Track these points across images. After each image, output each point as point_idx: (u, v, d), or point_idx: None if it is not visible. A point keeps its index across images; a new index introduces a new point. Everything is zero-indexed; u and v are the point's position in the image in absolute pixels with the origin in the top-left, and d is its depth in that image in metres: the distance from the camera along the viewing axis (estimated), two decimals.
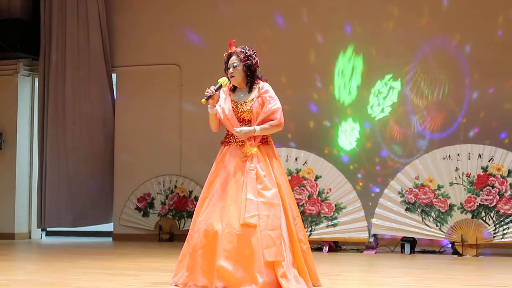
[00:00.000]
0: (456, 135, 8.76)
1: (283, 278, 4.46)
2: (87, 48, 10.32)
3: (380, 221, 7.96)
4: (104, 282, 5.12)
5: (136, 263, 6.75)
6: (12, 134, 10.51)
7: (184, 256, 4.78)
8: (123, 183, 10.20)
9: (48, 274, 5.74)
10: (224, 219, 4.60)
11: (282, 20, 9.59)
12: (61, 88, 10.33)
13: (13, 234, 10.35)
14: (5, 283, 5.09)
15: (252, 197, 4.60)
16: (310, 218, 8.17)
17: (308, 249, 4.77)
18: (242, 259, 4.49)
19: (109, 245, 9.44)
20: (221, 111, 4.85)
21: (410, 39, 9.02)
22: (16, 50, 10.20)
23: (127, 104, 10.36)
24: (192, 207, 9.74)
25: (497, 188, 7.64)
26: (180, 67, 10.13)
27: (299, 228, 4.75)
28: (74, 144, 10.29)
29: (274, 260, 4.48)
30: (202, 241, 4.63)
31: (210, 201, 4.74)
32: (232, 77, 4.83)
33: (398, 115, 9.04)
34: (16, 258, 7.72)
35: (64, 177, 10.25)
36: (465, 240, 7.66)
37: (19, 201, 10.49)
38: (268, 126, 4.79)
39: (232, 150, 4.81)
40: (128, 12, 10.41)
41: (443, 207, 7.78)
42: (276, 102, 4.81)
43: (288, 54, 9.50)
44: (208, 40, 9.86)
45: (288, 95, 9.20)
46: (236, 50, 4.86)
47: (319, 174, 8.24)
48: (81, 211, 10.28)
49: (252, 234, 4.52)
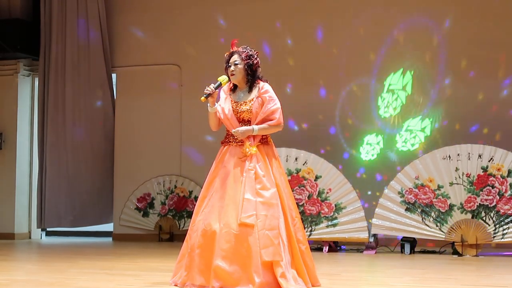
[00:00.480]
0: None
1: (282, 278, 4.45)
2: (87, 48, 10.32)
3: (380, 221, 7.96)
4: (104, 282, 5.12)
5: (136, 263, 6.75)
6: (12, 134, 10.51)
7: (183, 256, 4.78)
8: (123, 183, 10.20)
9: (48, 274, 5.74)
10: (222, 219, 4.60)
11: (282, 20, 9.60)
12: (61, 88, 10.33)
13: (13, 234, 10.35)
14: (5, 283, 5.10)
15: (250, 196, 4.60)
16: (310, 218, 8.17)
17: (307, 250, 4.76)
18: (239, 259, 4.49)
19: (109, 245, 9.44)
20: (221, 111, 4.86)
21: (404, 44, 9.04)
22: (16, 50, 10.20)
23: (127, 104, 10.36)
24: (192, 207, 9.74)
25: (497, 188, 7.64)
26: (180, 67, 10.13)
27: (298, 229, 4.74)
28: (74, 144, 10.29)
29: (271, 260, 4.47)
30: (200, 240, 4.63)
31: (209, 200, 4.75)
32: (232, 75, 4.83)
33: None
34: (16, 258, 7.72)
35: (64, 177, 10.25)
36: (465, 240, 7.66)
37: (19, 201, 10.49)
38: (267, 126, 4.79)
39: (232, 150, 4.81)
40: (128, 12, 10.41)
41: (443, 207, 7.78)
42: (276, 102, 4.82)
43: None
44: (208, 40, 9.85)
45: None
46: (238, 50, 4.87)
47: (319, 174, 8.24)
48: (81, 211, 10.28)
49: (249, 234, 4.51)
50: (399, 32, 9.08)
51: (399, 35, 9.09)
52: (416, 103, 8.98)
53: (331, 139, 9.27)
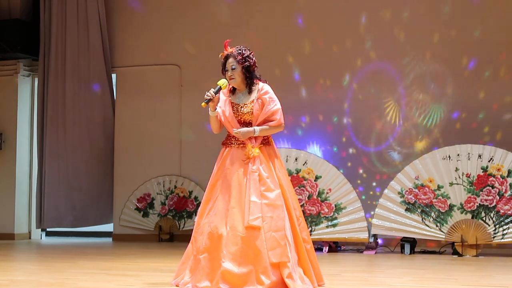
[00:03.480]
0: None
1: (289, 279, 4.47)
2: (87, 48, 10.32)
3: (380, 221, 7.96)
4: (104, 283, 5.12)
5: (136, 263, 6.74)
6: (12, 134, 10.51)
7: (187, 257, 4.78)
8: (123, 183, 10.20)
9: (48, 275, 5.74)
10: (228, 222, 4.60)
11: (283, 20, 9.61)
12: (61, 88, 10.33)
13: (13, 235, 10.35)
14: (5, 283, 5.10)
15: (255, 199, 4.61)
16: (310, 218, 8.17)
17: (312, 249, 4.80)
18: (247, 261, 4.50)
19: (109, 246, 9.44)
20: (221, 113, 4.85)
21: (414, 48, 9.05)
22: (16, 51, 10.20)
23: (127, 104, 10.36)
24: (192, 208, 9.75)
25: (497, 188, 7.64)
26: (180, 67, 10.13)
27: (302, 228, 4.77)
28: (74, 144, 10.28)
29: (279, 261, 4.49)
30: (207, 243, 4.63)
31: (213, 203, 4.75)
32: (231, 79, 4.83)
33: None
34: (16, 259, 7.73)
35: (64, 177, 10.25)
36: (465, 240, 7.66)
37: (19, 201, 10.49)
38: (268, 127, 4.80)
39: (234, 152, 4.81)
40: (128, 12, 10.41)
41: (443, 207, 7.78)
42: (276, 103, 4.82)
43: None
44: (208, 40, 9.85)
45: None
46: (233, 52, 4.82)
47: (319, 175, 8.24)
48: (81, 211, 10.28)
49: (256, 236, 4.52)
50: (399, 30, 9.08)
51: (399, 32, 9.08)
52: (416, 102, 8.98)
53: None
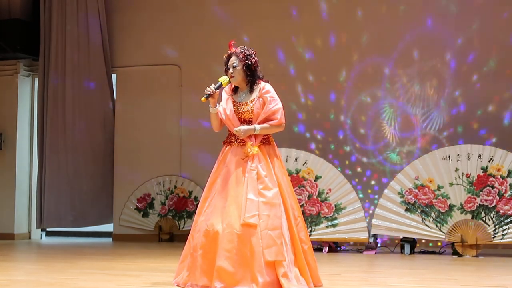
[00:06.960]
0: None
1: (284, 278, 4.46)
2: (87, 48, 10.32)
3: (380, 221, 7.96)
4: (104, 283, 5.12)
5: (136, 263, 6.74)
6: (12, 134, 10.51)
7: (185, 256, 4.79)
8: (123, 183, 10.19)
9: (48, 275, 5.74)
10: (224, 219, 4.60)
11: (284, 20, 9.61)
12: (61, 88, 10.33)
13: (13, 235, 10.35)
14: (5, 283, 5.10)
15: (252, 197, 4.61)
16: (310, 218, 8.17)
17: (310, 249, 4.77)
18: (242, 259, 4.49)
19: (109, 246, 9.44)
20: (222, 111, 4.87)
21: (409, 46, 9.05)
22: (16, 50, 10.20)
23: (127, 104, 10.36)
24: (192, 208, 9.75)
25: (497, 188, 7.64)
26: (180, 67, 10.13)
27: (300, 228, 4.76)
28: (74, 144, 10.28)
29: (274, 260, 4.48)
30: (203, 241, 4.63)
31: (211, 201, 4.76)
32: (232, 77, 4.85)
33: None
34: (16, 259, 7.72)
35: (64, 177, 10.25)
36: (465, 240, 7.66)
37: (19, 201, 10.49)
38: (269, 126, 4.80)
39: (234, 150, 4.82)
40: (128, 12, 10.41)
41: (443, 207, 7.78)
42: (277, 102, 4.83)
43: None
44: (208, 40, 9.85)
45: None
46: (236, 51, 4.87)
47: (319, 175, 8.24)
48: (81, 211, 10.28)
49: (252, 234, 4.52)
50: (397, 25, 9.08)
51: (397, 28, 9.08)
52: (416, 100, 8.98)
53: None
